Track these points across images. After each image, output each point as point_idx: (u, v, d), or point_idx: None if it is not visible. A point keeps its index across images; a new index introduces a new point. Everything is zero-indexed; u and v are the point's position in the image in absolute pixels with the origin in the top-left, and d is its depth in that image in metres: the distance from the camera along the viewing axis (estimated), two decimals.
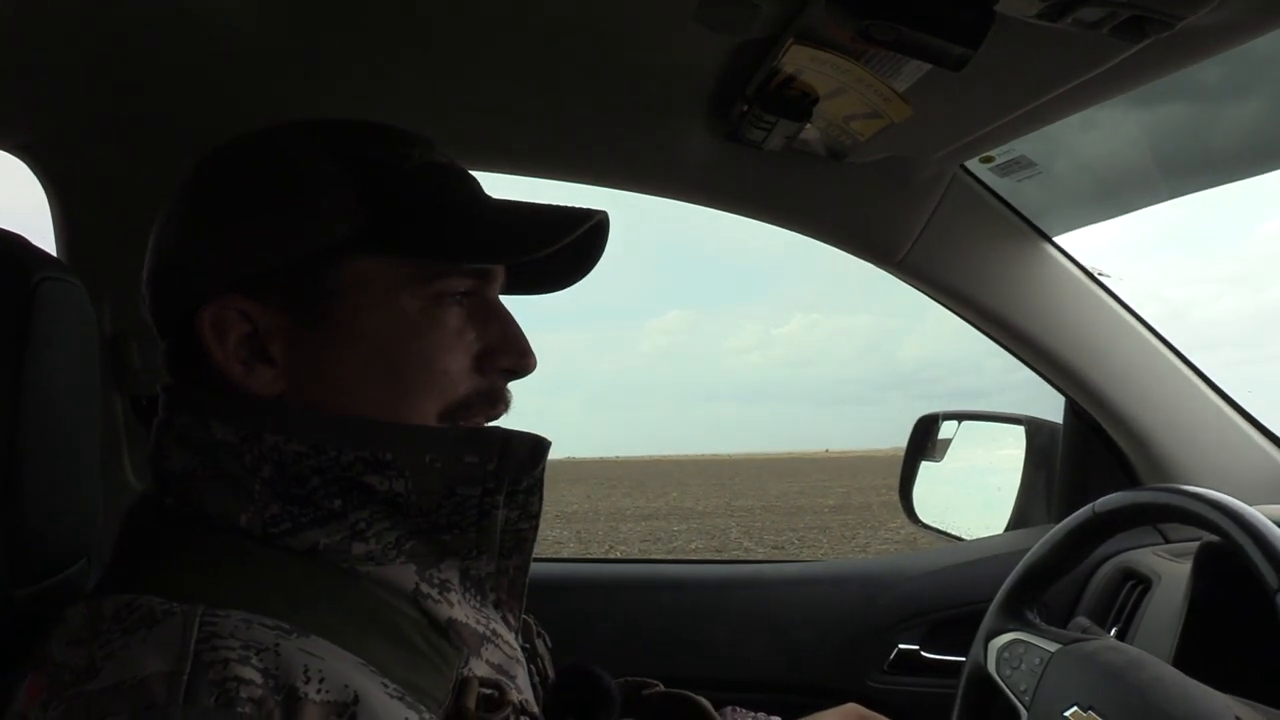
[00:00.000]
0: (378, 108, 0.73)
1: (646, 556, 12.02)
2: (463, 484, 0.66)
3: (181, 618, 0.56)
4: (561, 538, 13.78)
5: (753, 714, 1.00)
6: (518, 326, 0.73)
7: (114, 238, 1.27)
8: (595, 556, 11.64)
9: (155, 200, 0.71)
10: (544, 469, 0.70)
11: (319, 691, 0.55)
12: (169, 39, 1.08)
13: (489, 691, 0.65)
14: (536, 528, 0.72)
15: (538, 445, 0.69)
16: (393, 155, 0.69)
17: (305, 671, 0.55)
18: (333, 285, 0.66)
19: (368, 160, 0.68)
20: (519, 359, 0.72)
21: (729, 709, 1.00)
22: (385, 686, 0.59)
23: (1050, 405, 1.63)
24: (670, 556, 11.86)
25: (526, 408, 0.76)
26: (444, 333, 0.69)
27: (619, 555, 12.11)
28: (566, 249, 0.68)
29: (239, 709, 0.52)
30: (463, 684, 0.64)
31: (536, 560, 0.74)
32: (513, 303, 0.76)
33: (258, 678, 0.53)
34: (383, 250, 0.66)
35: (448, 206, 0.69)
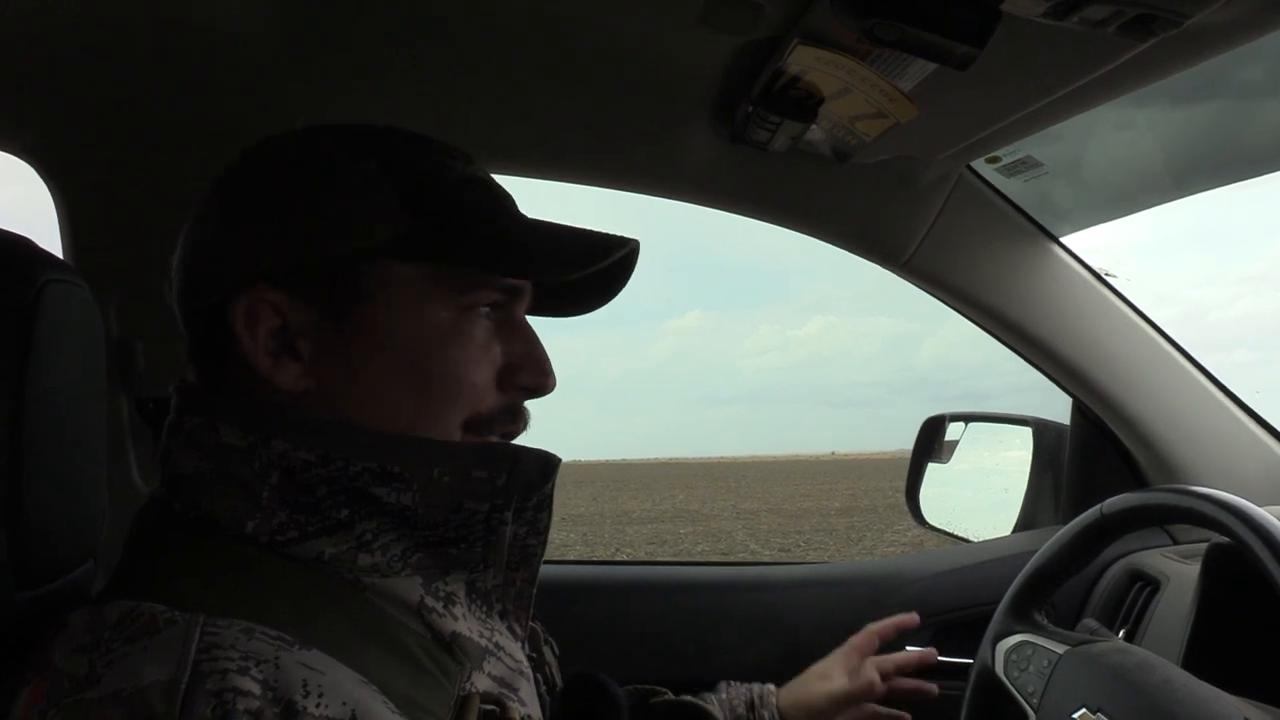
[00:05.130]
0: (381, 110, 0.72)
1: (652, 559, 12.01)
2: (470, 499, 0.65)
3: (183, 626, 0.55)
4: (568, 540, 13.78)
5: (747, 684, 1.06)
6: (542, 346, 0.73)
7: (119, 240, 1.28)
8: (601, 559, 11.63)
9: (160, 202, 0.71)
10: (554, 486, 0.70)
11: (318, 706, 0.54)
12: (175, 40, 1.08)
13: (490, 707, 0.64)
14: (545, 543, 0.71)
15: (547, 462, 0.68)
16: (436, 164, 0.69)
17: (304, 685, 0.55)
18: (366, 287, 0.66)
19: (413, 166, 0.68)
20: (540, 378, 0.72)
21: (723, 683, 1.02)
22: (386, 703, 0.58)
23: (1058, 408, 1.63)
24: (676, 559, 11.85)
25: (538, 411, 0.75)
26: (472, 344, 0.68)
27: (625, 558, 12.10)
28: (597, 273, 0.69)
29: None
30: (464, 701, 0.63)
31: (542, 563, 0.74)
32: None
33: (256, 689, 0.53)
34: (420, 257, 0.66)
35: (488, 219, 0.69)
